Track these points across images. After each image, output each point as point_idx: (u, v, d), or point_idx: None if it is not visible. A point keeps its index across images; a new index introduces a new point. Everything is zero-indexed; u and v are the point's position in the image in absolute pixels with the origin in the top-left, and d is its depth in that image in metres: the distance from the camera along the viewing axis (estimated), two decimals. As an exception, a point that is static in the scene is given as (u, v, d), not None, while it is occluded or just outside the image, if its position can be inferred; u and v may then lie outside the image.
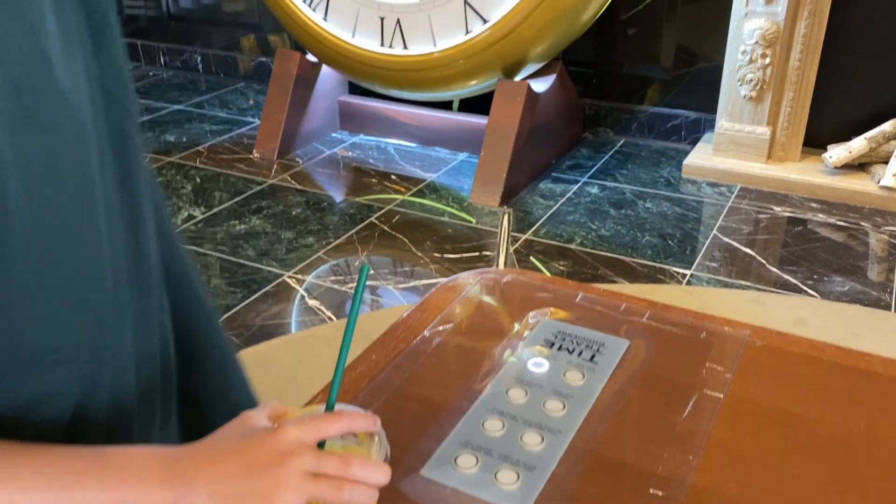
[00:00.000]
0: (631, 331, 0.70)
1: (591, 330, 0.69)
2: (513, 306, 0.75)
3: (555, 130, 2.57)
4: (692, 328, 0.70)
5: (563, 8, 2.20)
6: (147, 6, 3.63)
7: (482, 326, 0.71)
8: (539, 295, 0.75)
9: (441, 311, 0.73)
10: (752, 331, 0.70)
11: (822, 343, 0.68)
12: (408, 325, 0.70)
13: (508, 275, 0.79)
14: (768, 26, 2.20)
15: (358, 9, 2.47)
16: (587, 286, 0.76)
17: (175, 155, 2.67)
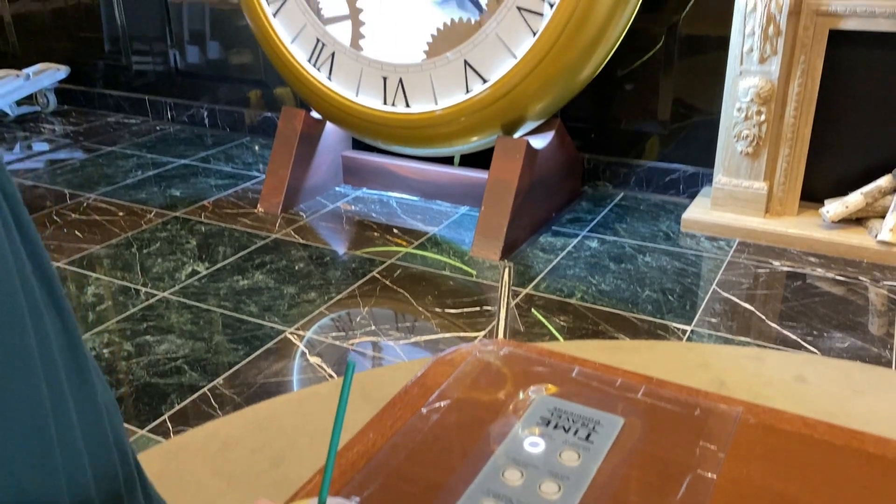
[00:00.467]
0: (626, 408, 0.71)
1: (586, 407, 0.70)
2: (510, 382, 0.76)
3: (554, 185, 2.60)
4: (686, 405, 0.71)
5: (560, 68, 2.25)
6: (155, 62, 3.72)
7: (480, 403, 0.73)
8: (535, 369, 0.76)
9: (439, 387, 0.74)
10: (746, 407, 0.71)
11: (815, 420, 0.69)
12: (405, 401, 0.72)
13: (505, 347, 0.81)
14: (762, 84, 2.25)
15: (361, 69, 2.53)
16: (583, 360, 0.78)
17: (180, 210, 2.70)
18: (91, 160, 3.25)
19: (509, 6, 2.25)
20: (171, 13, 3.55)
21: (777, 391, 1.84)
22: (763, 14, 2.18)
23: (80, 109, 4.01)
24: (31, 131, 3.69)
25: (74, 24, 3.87)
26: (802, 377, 1.73)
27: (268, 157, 3.16)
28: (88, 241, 2.46)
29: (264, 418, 1.67)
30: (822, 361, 1.76)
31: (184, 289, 2.16)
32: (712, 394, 0.73)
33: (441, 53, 2.40)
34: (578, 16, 2.15)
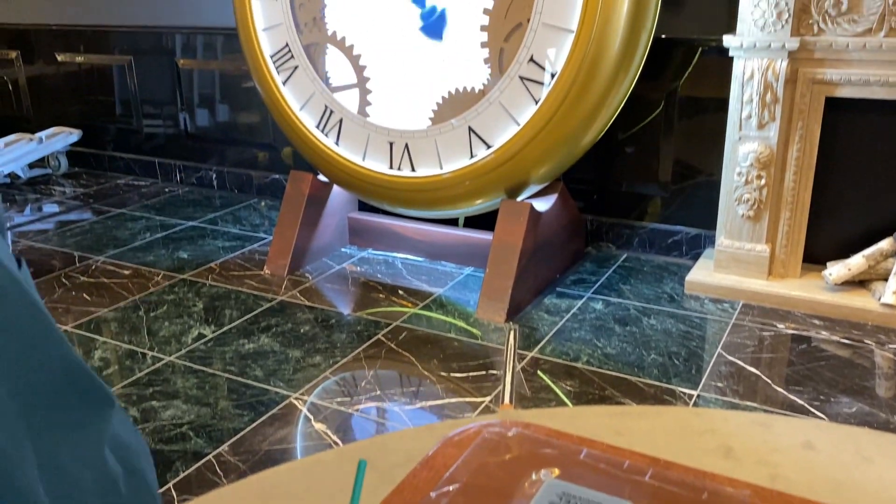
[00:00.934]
0: (634, 491, 0.71)
1: (594, 491, 0.70)
2: (518, 464, 0.76)
3: (558, 247, 2.63)
4: (693, 488, 0.72)
5: (563, 134, 2.30)
6: (165, 125, 3.80)
7: (488, 487, 0.73)
8: (544, 451, 0.77)
9: (447, 469, 0.74)
10: (753, 490, 0.71)
11: (822, 504, 0.69)
12: (414, 485, 0.72)
13: (514, 427, 0.81)
14: (762, 150, 2.29)
15: (368, 134, 2.59)
16: (591, 441, 0.78)
17: (188, 272, 2.73)
18: (100, 222, 3.29)
19: (512, 75, 2.31)
20: (181, 78, 3.65)
21: (785, 458, 1.82)
22: (760, 82, 2.23)
23: (91, 172, 4.08)
24: (41, 193, 3.75)
25: (87, 87, 3.97)
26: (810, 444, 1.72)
27: (275, 218, 3.20)
28: (96, 304, 2.48)
29: (269, 486, 1.65)
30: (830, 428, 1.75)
31: (190, 353, 2.17)
32: (720, 476, 0.73)
33: (446, 120, 2.46)
34: (579, 85, 2.20)
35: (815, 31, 2.17)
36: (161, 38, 3.65)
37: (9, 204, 3.59)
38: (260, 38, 2.70)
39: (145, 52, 3.73)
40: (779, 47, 2.19)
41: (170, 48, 3.63)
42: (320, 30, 2.62)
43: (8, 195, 3.70)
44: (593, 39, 2.15)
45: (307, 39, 2.64)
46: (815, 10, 2.15)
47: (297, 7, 2.63)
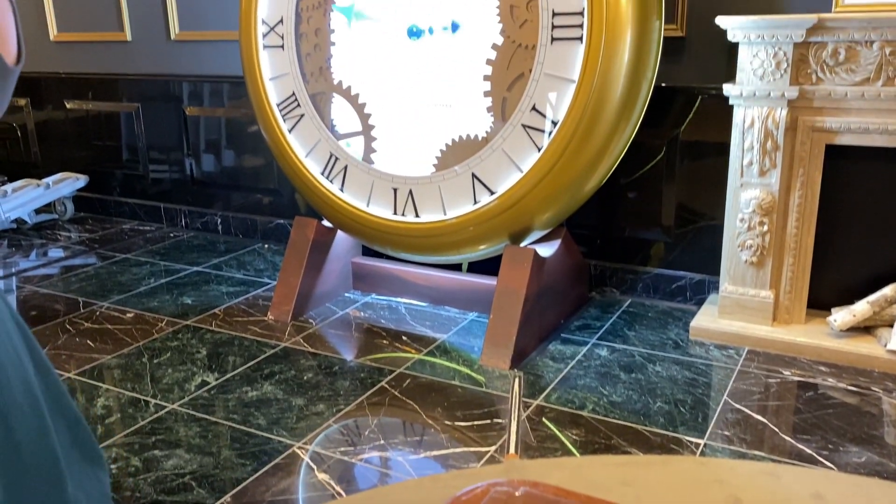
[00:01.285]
0: (643, 553, 0.70)
1: (604, 553, 0.69)
2: (526, 525, 0.75)
3: (562, 292, 2.63)
4: (704, 550, 0.71)
5: (566, 181, 2.31)
6: (171, 170, 3.83)
7: (496, 548, 0.72)
8: (551, 511, 0.76)
9: (455, 530, 0.73)
10: (764, 552, 0.70)
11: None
12: (423, 547, 0.71)
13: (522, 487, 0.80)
14: (764, 196, 2.30)
15: (373, 181, 2.61)
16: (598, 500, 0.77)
17: (191, 318, 2.73)
18: (105, 268, 3.30)
19: (515, 124, 2.34)
20: (188, 124, 3.70)
21: (795, 509, 1.79)
22: (761, 130, 2.26)
23: (97, 217, 4.11)
24: (47, 238, 3.77)
25: (95, 133, 4.03)
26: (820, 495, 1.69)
27: (279, 263, 3.21)
28: (100, 351, 2.48)
29: (272, 539, 1.63)
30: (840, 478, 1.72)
31: (193, 400, 2.16)
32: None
33: (449, 167, 2.48)
34: (581, 133, 2.23)
35: (814, 80, 2.20)
36: (169, 86, 3.71)
37: (14, 249, 3.61)
38: (267, 87, 2.74)
39: (153, 99, 3.78)
40: (778, 96, 2.22)
41: (177, 95, 3.69)
42: (326, 79, 2.66)
43: (14, 240, 3.73)
44: (595, 89, 2.19)
45: (313, 88, 2.68)
46: (812, 60, 2.19)
47: (303, 57, 2.68)
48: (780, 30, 2.16)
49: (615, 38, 2.16)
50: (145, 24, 3.68)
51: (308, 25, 2.65)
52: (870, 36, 2.10)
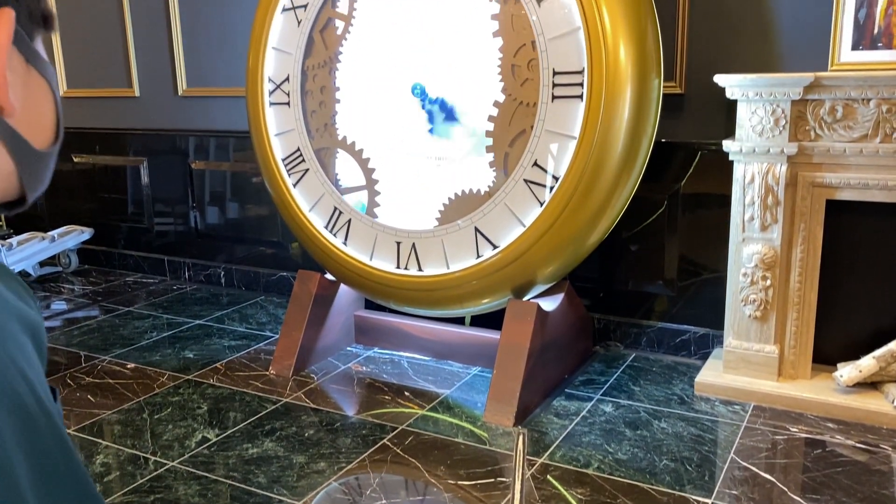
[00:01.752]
0: None
1: None
2: None
3: (566, 346, 2.62)
4: None
5: (568, 235, 2.33)
6: (176, 223, 3.86)
7: None
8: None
9: None
10: None
11: None
12: None
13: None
14: (766, 251, 2.31)
15: (376, 234, 2.62)
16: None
17: (193, 372, 2.71)
18: (108, 321, 3.30)
19: (517, 179, 2.36)
20: (193, 178, 3.73)
21: (807, 572, 1.75)
22: (761, 185, 2.28)
23: (101, 269, 4.12)
24: (51, 291, 3.78)
25: (101, 186, 4.07)
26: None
27: (281, 316, 3.21)
28: (100, 406, 2.46)
29: None
30: (852, 540, 1.69)
31: (193, 457, 2.13)
32: None
33: (453, 221, 2.50)
34: (583, 188, 2.25)
35: (812, 136, 2.23)
36: (175, 140, 3.76)
37: (18, 301, 3.60)
38: (272, 143, 2.78)
39: (159, 153, 3.83)
40: (777, 152, 2.24)
41: (183, 149, 3.74)
42: (331, 135, 2.70)
43: (17, 293, 3.73)
44: (595, 145, 2.21)
45: (318, 144, 2.72)
46: (811, 117, 2.22)
47: (309, 114, 2.72)
48: (778, 88, 2.20)
49: (615, 96, 2.19)
50: (154, 80, 3.75)
51: (314, 83, 2.70)
52: (866, 94, 2.13)
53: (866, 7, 2.27)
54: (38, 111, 0.52)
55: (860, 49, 2.29)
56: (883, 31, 2.26)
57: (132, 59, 3.78)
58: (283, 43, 2.72)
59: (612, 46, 2.19)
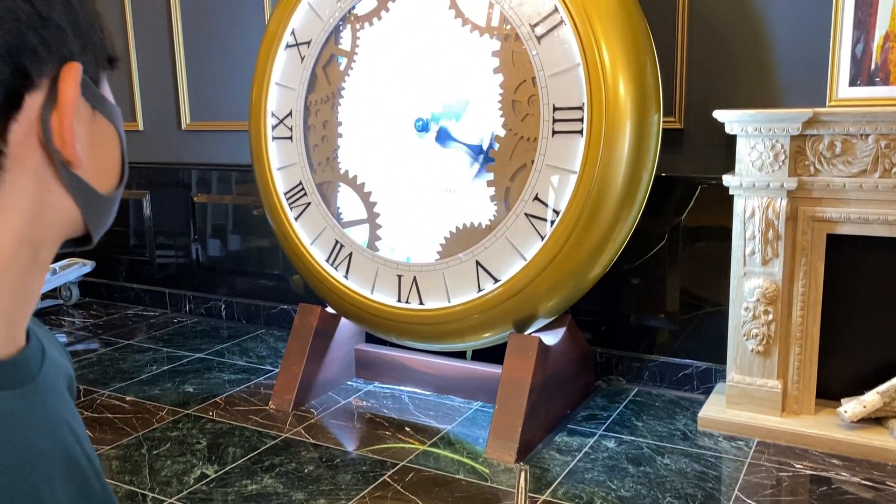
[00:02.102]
0: None
1: None
2: None
3: (568, 381, 2.60)
4: None
5: (570, 269, 2.33)
6: (178, 256, 3.87)
7: None
8: None
9: None
10: None
11: None
12: None
13: None
14: (767, 286, 2.31)
15: (377, 268, 2.63)
16: None
17: (192, 406, 2.69)
18: (107, 354, 3.29)
19: (518, 213, 2.37)
20: (195, 211, 3.75)
21: None
22: (762, 220, 2.28)
23: (101, 302, 4.12)
24: (51, 324, 3.77)
25: (104, 219, 4.07)
26: None
27: (281, 349, 3.19)
28: (98, 441, 2.44)
29: None
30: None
31: (191, 494, 2.11)
32: None
33: (454, 254, 2.50)
34: (584, 222, 2.26)
35: (812, 171, 2.24)
36: (178, 174, 3.78)
37: (18, 334, 3.60)
38: (275, 177, 2.79)
39: (162, 186, 3.85)
40: (777, 186, 2.25)
41: (186, 183, 3.76)
42: (333, 169, 2.72)
43: (18, 326, 3.72)
44: (596, 179, 2.22)
45: (320, 178, 2.74)
46: (810, 152, 2.23)
47: (311, 148, 2.74)
48: (777, 123, 2.22)
49: (615, 132, 2.21)
50: (157, 114, 3.79)
51: (316, 118, 2.73)
52: (865, 129, 2.15)
53: (863, 43, 2.30)
54: (104, 156, 0.52)
55: (858, 85, 2.31)
56: (880, 66, 2.29)
57: (136, 93, 3.82)
58: (287, 78, 2.75)
59: (612, 82, 2.21)
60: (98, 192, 0.51)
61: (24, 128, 0.45)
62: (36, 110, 0.45)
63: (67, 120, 0.46)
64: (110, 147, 0.53)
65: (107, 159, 0.52)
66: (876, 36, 2.28)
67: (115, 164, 0.53)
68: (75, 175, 0.48)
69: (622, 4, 2.26)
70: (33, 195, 0.46)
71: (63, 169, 0.47)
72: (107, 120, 0.52)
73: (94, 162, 0.50)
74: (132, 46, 3.78)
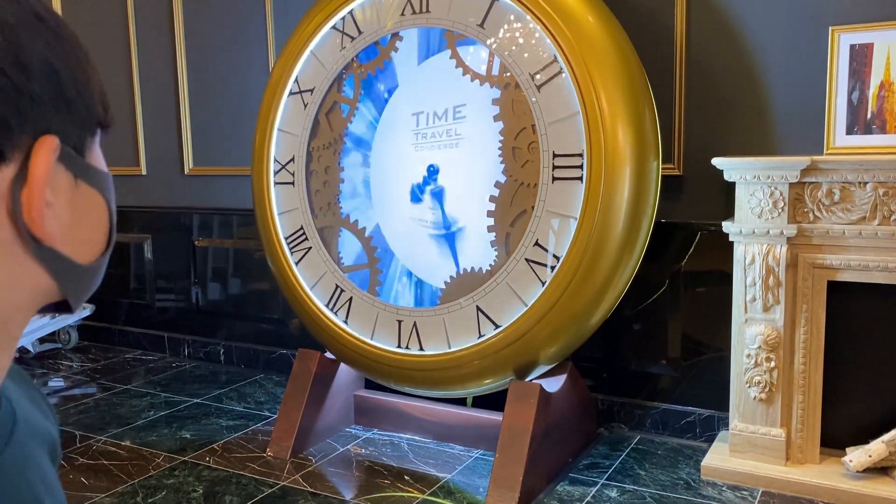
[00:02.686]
0: None
1: None
2: None
3: (569, 429, 2.57)
4: None
5: (571, 315, 2.32)
6: (178, 299, 3.86)
7: None
8: None
9: None
10: None
11: None
12: None
13: None
14: (769, 332, 2.30)
15: (377, 313, 2.62)
16: None
17: (189, 453, 2.66)
18: (105, 399, 3.26)
19: (518, 258, 2.37)
20: (196, 255, 3.75)
21: None
22: (762, 266, 2.28)
23: (100, 346, 4.09)
24: (49, 368, 3.74)
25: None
26: None
27: (280, 394, 3.17)
28: (93, 489, 2.40)
29: None
30: None
31: (186, 544, 2.07)
32: None
33: (454, 300, 2.50)
34: (584, 268, 2.26)
35: (811, 218, 2.25)
36: (180, 218, 3.80)
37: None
38: (276, 221, 2.81)
39: (163, 230, 3.87)
40: (777, 233, 2.26)
41: (187, 226, 3.77)
42: (334, 214, 2.73)
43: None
44: (596, 225, 2.23)
45: (321, 223, 2.75)
46: (809, 200, 2.24)
47: (313, 193, 2.76)
48: (775, 171, 2.23)
49: (614, 178, 2.23)
50: (161, 159, 3.82)
51: (318, 164, 2.75)
52: (863, 177, 2.16)
53: (858, 91, 2.33)
54: (85, 227, 0.50)
55: (855, 133, 2.34)
56: (876, 115, 2.31)
57: (140, 138, 3.86)
58: (289, 125, 2.79)
59: (611, 130, 2.23)
60: (76, 262, 0.49)
61: None
62: (6, 183, 0.44)
63: (37, 196, 0.44)
64: (95, 215, 0.51)
65: (90, 228, 0.50)
66: (871, 85, 2.31)
67: (101, 232, 0.51)
68: (48, 248, 0.46)
69: (620, 53, 2.30)
70: (0, 269, 0.44)
71: (33, 243, 0.45)
72: (92, 188, 0.50)
73: (74, 232, 0.48)
74: (137, 91, 3.83)
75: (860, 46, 2.32)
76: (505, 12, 2.39)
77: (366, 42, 2.65)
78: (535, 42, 2.34)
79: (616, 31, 2.35)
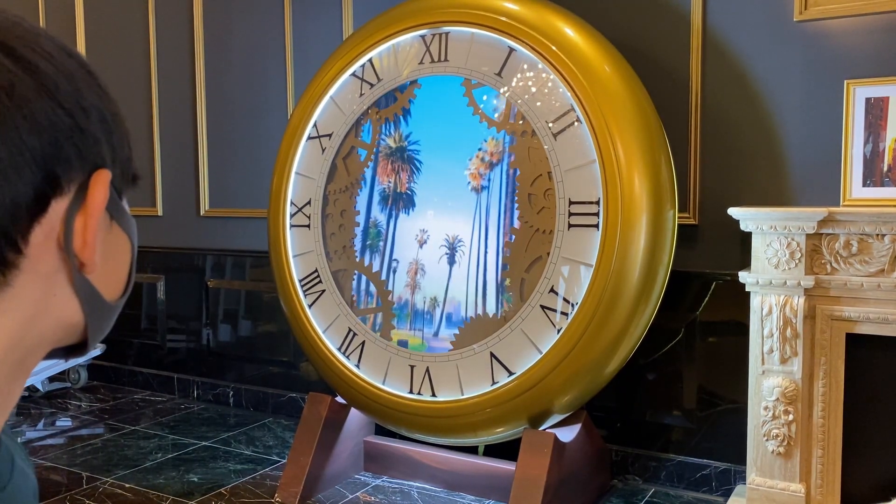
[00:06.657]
0: None
1: None
2: None
3: (583, 480, 2.52)
4: None
5: (586, 363, 2.30)
6: (189, 340, 3.85)
7: None
8: None
9: None
10: None
11: None
12: None
13: None
14: (787, 385, 2.27)
15: (390, 357, 2.60)
16: None
17: (196, 497, 2.62)
18: (113, 440, 3.23)
19: (533, 304, 2.36)
20: (209, 296, 3.76)
21: None
22: (779, 317, 2.26)
23: (109, 386, 4.08)
24: (57, 407, 3.72)
25: (117, 302, 4.08)
26: None
27: (289, 439, 3.13)
28: (98, 532, 2.36)
29: None
30: None
31: (191, 592, 2.02)
32: None
33: (468, 345, 2.48)
34: (600, 316, 2.24)
35: (829, 269, 2.24)
36: (193, 259, 3.81)
37: (23, 417, 3.55)
38: (291, 263, 2.81)
39: (177, 271, 3.88)
40: (794, 284, 2.24)
41: (201, 267, 3.79)
42: (349, 257, 2.74)
43: (23, 408, 3.68)
44: (612, 273, 2.23)
45: (336, 266, 2.75)
46: (826, 251, 2.23)
47: (328, 236, 2.77)
48: (792, 222, 2.23)
49: (630, 226, 2.23)
50: (177, 200, 3.86)
51: (334, 207, 2.77)
52: (880, 230, 2.15)
53: (872, 144, 2.34)
54: (114, 266, 0.53)
55: (870, 185, 2.34)
56: (891, 168, 2.32)
57: (158, 179, 3.90)
58: (307, 168, 2.81)
59: (627, 178, 2.24)
60: (105, 299, 0.52)
61: (46, 230, 0.46)
62: (60, 214, 0.47)
63: (92, 222, 0.48)
64: (122, 258, 0.54)
65: (116, 270, 0.54)
66: (887, 138, 2.32)
67: (124, 274, 0.55)
68: (87, 280, 0.49)
69: (637, 103, 2.33)
70: (37, 299, 0.47)
71: (77, 273, 0.48)
72: (123, 232, 0.54)
73: (105, 270, 0.51)
74: (156, 132, 3.89)
75: (875, 100, 2.34)
76: (521, 61, 2.43)
77: (384, 89, 2.70)
78: (549, 90, 2.37)
79: (632, 81, 2.38)
